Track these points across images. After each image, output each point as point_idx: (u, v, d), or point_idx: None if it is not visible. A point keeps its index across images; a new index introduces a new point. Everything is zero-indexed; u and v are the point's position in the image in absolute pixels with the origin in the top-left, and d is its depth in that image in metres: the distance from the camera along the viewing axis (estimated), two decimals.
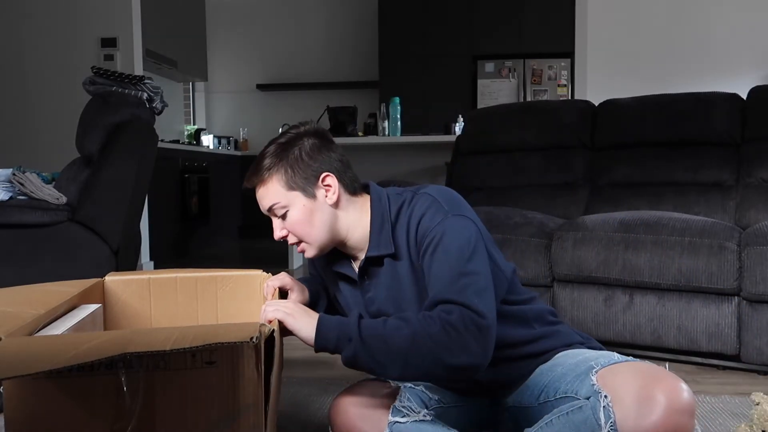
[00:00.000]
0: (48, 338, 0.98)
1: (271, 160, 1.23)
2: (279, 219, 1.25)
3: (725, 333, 2.07)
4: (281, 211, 1.23)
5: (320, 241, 1.24)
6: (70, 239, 2.45)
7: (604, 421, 1.06)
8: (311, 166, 1.23)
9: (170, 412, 0.91)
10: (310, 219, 1.23)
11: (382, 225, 1.24)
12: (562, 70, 5.28)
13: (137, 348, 0.80)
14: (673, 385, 1.04)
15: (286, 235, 1.25)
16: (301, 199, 1.22)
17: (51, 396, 0.89)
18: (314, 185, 1.23)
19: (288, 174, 1.22)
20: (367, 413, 1.22)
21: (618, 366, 1.14)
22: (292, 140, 1.24)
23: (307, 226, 1.23)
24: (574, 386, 1.16)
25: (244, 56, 6.95)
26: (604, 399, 1.07)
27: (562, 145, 2.97)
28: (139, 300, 1.40)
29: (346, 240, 1.27)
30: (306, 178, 1.22)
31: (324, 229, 1.24)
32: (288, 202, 1.22)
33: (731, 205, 2.55)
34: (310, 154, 1.23)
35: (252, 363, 0.92)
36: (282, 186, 1.22)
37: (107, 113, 2.59)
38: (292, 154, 1.23)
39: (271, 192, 1.23)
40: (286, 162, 1.22)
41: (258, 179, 1.24)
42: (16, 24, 4.35)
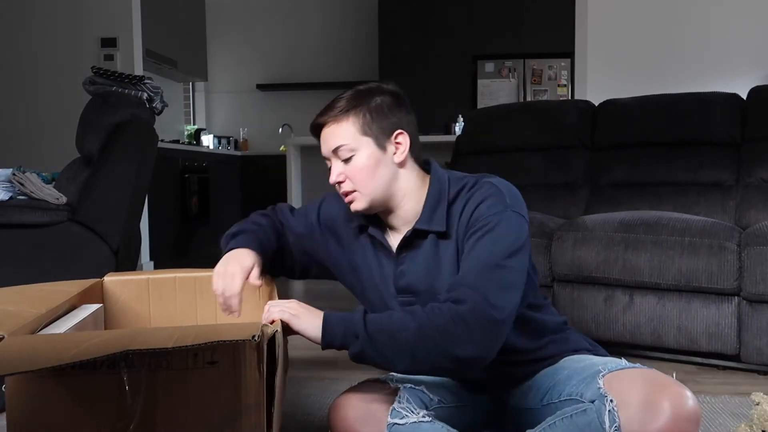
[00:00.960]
0: (50, 336, 0.98)
1: (349, 102, 1.22)
2: (340, 162, 1.22)
3: (725, 333, 2.07)
4: (347, 154, 1.20)
5: (375, 194, 1.22)
6: (70, 239, 2.45)
7: (608, 425, 1.06)
8: (389, 118, 1.22)
9: (172, 412, 0.91)
10: (375, 169, 1.20)
11: (439, 201, 1.23)
12: (562, 70, 5.28)
13: (139, 346, 0.80)
14: (679, 393, 1.05)
15: (344, 180, 1.22)
16: (371, 147, 1.21)
17: (53, 395, 0.90)
18: (387, 138, 1.22)
19: (366, 118, 1.20)
20: (366, 415, 1.21)
21: (625, 371, 1.15)
22: (374, 90, 1.24)
23: (370, 175, 1.20)
24: (579, 389, 1.16)
25: (244, 56, 6.95)
26: (610, 403, 1.07)
27: (562, 145, 2.97)
28: (138, 300, 1.40)
29: (397, 206, 1.25)
30: (382, 128, 1.21)
31: (383, 184, 1.22)
32: (358, 145, 1.20)
33: (731, 205, 2.55)
34: (391, 107, 1.22)
35: (254, 363, 0.92)
36: (357, 129, 1.20)
37: (107, 113, 2.59)
38: (373, 101, 1.22)
39: (344, 131, 1.20)
40: (366, 107, 1.21)
41: (332, 116, 1.21)
42: (17, 24, 4.35)
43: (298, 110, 6.62)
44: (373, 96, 1.23)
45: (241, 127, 7.01)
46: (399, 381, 1.29)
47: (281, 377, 1.03)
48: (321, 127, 1.24)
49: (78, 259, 2.46)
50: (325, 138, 1.24)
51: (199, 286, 1.42)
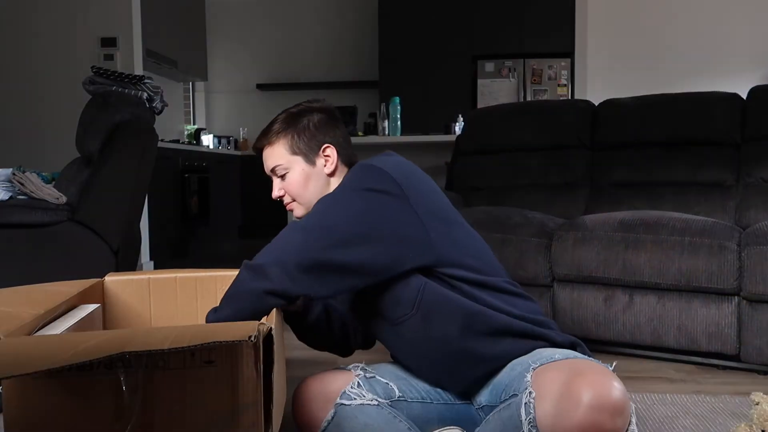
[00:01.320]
0: (47, 338, 0.98)
1: (280, 126, 1.37)
2: (278, 179, 1.38)
3: (725, 333, 2.07)
4: (282, 171, 1.36)
5: (310, 203, 1.35)
6: (70, 239, 2.45)
7: (524, 417, 1.04)
8: (316, 137, 1.36)
9: (169, 412, 0.91)
10: (306, 183, 1.36)
11: None
12: (562, 70, 5.28)
13: (135, 347, 0.80)
14: (599, 382, 1.00)
15: (283, 195, 1.38)
16: (302, 164, 1.36)
17: (51, 396, 0.89)
18: (315, 154, 1.36)
19: (294, 140, 1.36)
20: (320, 396, 1.29)
21: (554, 363, 1.12)
22: (303, 111, 1.39)
23: (302, 188, 1.36)
24: (518, 384, 1.15)
25: (244, 56, 6.95)
26: (529, 395, 1.06)
27: (562, 145, 2.97)
28: (138, 300, 1.40)
29: None
30: (309, 146, 1.36)
31: (315, 192, 1.35)
32: (289, 164, 1.36)
33: (731, 205, 2.55)
34: (318, 125, 1.37)
35: (251, 362, 0.92)
36: (286, 150, 1.36)
37: (107, 113, 2.59)
38: (300, 123, 1.37)
39: (276, 153, 1.36)
40: (293, 129, 1.36)
41: (266, 141, 1.38)
42: (16, 24, 4.35)
43: None
44: (301, 118, 1.37)
45: (241, 127, 7.01)
46: (363, 370, 1.34)
47: (279, 375, 1.03)
48: (261, 150, 1.40)
49: (78, 259, 2.46)
50: (264, 159, 1.40)
51: (199, 286, 1.42)
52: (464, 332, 1.23)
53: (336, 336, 1.43)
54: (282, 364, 1.16)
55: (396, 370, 1.39)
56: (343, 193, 1.23)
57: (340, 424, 1.25)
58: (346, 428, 1.24)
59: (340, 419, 1.25)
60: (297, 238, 1.18)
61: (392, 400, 1.31)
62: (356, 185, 1.22)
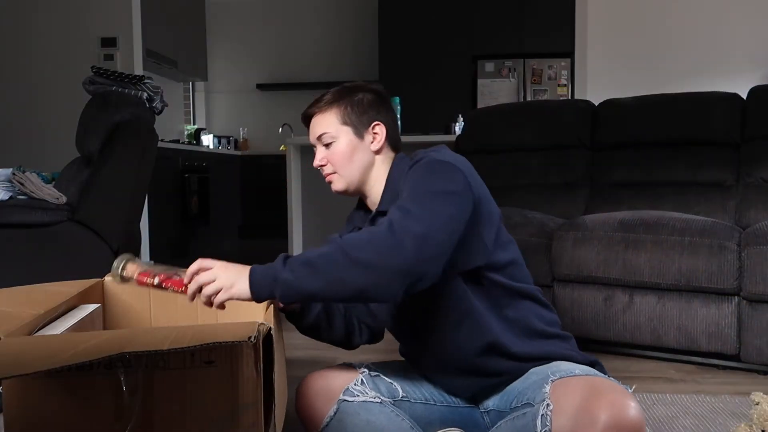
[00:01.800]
0: (47, 338, 0.98)
1: (334, 96, 1.35)
2: (323, 148, 1.35)
3: (725, 333, 2.07)
4: (328, 140, 1.34)
5: (351, 177, 1.34)
6: (70, 239, 2.45)
7: (539, 429, 1.05)
8: (368, 112, 1.35)
9: (169, 412, 0.91)
10: (352, 155, 1.33)
11: (395, 184, 1.30)
12: (562, 70, 5.28)
13: (135, 347, 0.80)
14: (618, 402, 1.01)
15: (325, 164, 1.35)
16: (350, 135, 1.33)
17: (51, 396, 0.89)
18: (365, 129, 1.34)
19: (346, 110, 1.34)
20: (323, 391, 1.29)
21: (574, 378, 1.13)
22: (358, 87, 1.38)
23: (347, 160, 1.33)
24: (534, 394, 1.16)
25: (244, 56, 6.95)
26: (546, 407, 1.07)
27: (562, 145, 2.97)
28: (138, 300, 1.40)
29: (370, 190, 1.36)
30: (360, 119, 1.34)
31: (359, 168, 1.34)
32: (337, 134, 1.33)
33: (731, 205, 2.55)
34: (370, 102, 1.35)
35: (251, 362, 0.92)
36: (337, 119, 1.34)
37: (107, 113, 2.59)
38: (355, 96, 1.35)
39: (326, 121, 1.34)
40: (347, 100, 1.35)
41: (318, 108, 1.36)
42: (16, 24, 4.35)
43: (298, 110, 6.48)
44: (356, 92, 1.36)
45: (240, 127, 7.01)
46: (368, 368, 1.34)
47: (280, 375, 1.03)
48: (310, 118, 1.39)
49: (78, 259, 2.46)
50: (311, 126, 1.38)
51: None
52: (486, 352, 1.25)
53: (338, 334, 1.43)
54: (282, 364, 1.16)
55: (401, 370, 1.39)
56: (431, 197, 1.14)
57: (343, 420, 1.25)
58: (348, 424, 1.25)
59: (343, 415, 1.25)
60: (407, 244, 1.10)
61: (395, 400, 1.32)
62: (440, 187, 1.16)
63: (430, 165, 1.20)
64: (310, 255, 1.10)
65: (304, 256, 1.10)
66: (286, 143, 4.75)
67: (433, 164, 1.20)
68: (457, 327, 1.25)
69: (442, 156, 1.23)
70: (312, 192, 4.71)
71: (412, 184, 1.18)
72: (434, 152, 1.26)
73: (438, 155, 1.23)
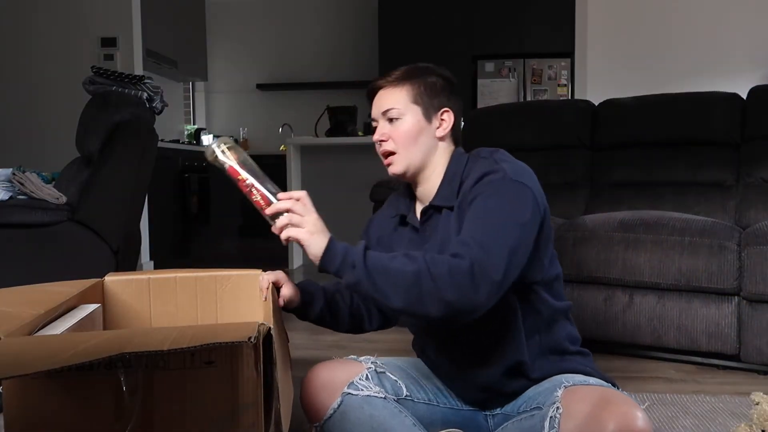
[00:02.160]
0: (47, 338, 0.98)
1: (408, 72, 1.30)
2: (387, 123, 1.29)
3: (725, 333, 2.07)
4: (395, 115, 1.28)
5: (412, 159, 1.28)
6: (70, 239, 2.45)
7: (547, 429, 1.07)
8: (439, 97, 1.30)
9: (169, 412, 0.91)
10: (417, 136, 1.28)
11: (453, 179, 1.28)
12: (562, 70, 5.27)
13: (135, 348, 0.80)
14: (628, 414, 1.02)
15: (386, 140, 1.29)
16: (419, 115, 1.28)
17: (51, 396, 0.89)
18: (434, 112, 1.30)
19: (419, 89, 1.29)
20: (328, 383, 1.28)
21: (586, 387, 1.15)
22: (431, 69, 1.33)
23: (412, 140, 1.28)
24: (545, 398, 1.17)
25: (244, 56, 6.95)
26: (556, 410, 1.08)
27: (562, 145, 2.97)
28: (138, 300, 1.40)
29: (427, 179, 1.31)
30: (431, 102, 1.29)
31: (421, 152, 1.29)
32: (406, 111, 1.28)
33: (731, 205, 2.55)
34: (444, 87, 1.31)
35: (251, 362, 0.92)
36: (408, 96, 1.28)
37: (107, 113, 2.59)
38: (429, 77, 1.31)
39: (396, 96, 1.28)
40: (421, 80, 1.30)
41: (389, 81, 1.30)
42: (16, 24, 4.35)
43: (297, 110, 6.62)
44: (430, 74, 1.31)
45: (241, 127, 7.01)
46: (374, 364, 1.34)
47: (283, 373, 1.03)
48: (377, 91, 1.33)
49: (78, 259, 2.46)
50: (377, 99, 1.32)
51: (199, 286, 1.42)
52: (511, 371, 1.27)
53: (343, 325, 1.43)
54: (286, 362, 1.16)
55: (407, 369, 1.39)
56: (507, 233, 1.13)
57: (346, 412, 1.25)
58: (351, 417, 1.25)
59: (347, 408, 1.26)
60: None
61: (398, 398, 1.32)
62: (515, 218, 1.15)
63: (505, 188, 1.17)
64: (391, 264, 1.11)
65: (385, 262, 1.11)
66: (286, 143, 4.75)
67: (507, 187, 1.17)
68: (492, 343, 1.26)
69: (513, 172, 1.20)
70: (312, 192, 4.70)
71: (486, 206, 1.15)
72: (504, 163, 1.23)
73: (509, 168, 1.21)
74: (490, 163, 1.23)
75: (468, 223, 1.16)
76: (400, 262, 1.11)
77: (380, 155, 1.32)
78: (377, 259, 1.12)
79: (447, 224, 1.26)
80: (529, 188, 1.19)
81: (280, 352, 1.03)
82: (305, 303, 1.36)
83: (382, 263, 1.12)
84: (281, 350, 1.07)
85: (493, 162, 1.24)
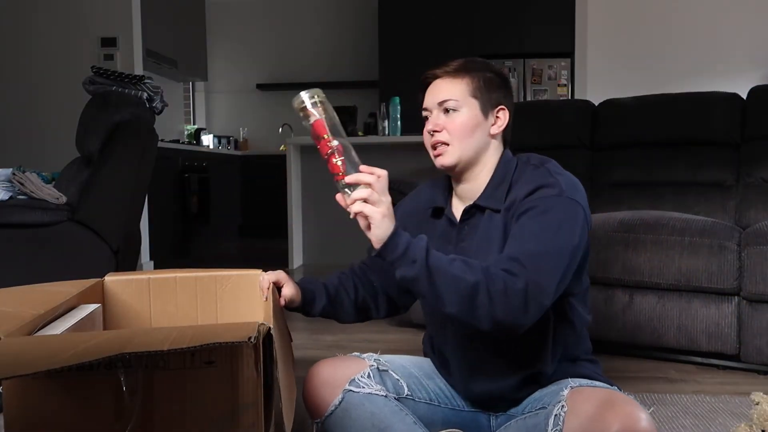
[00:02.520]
0: (47, 338, 0.98)
1: (466, 66, 1.28)
2: (442, 114, 1.27)
3: (725, 333, 2.07)
4: (452, 106, 1.26)
5: (465, 152, 1.26)
6: (70, 239, 2.45)
7: (551, 428, 1.08)
8: (497, 93, 1.28)
9: (169, 412, 0.91)
10: (473, 130, 1.26)
11: (502, 181, 1.27)
12: (562, 70, 5.28)
13: (135, 348, 0.80)
14: (632, 415, 1.03)
15: (440, 130, 1.27)
16: (476, 109, 1.27)
17: (51, 395, 0.89)
18: (491, 109, 1.28)
19: (479, 83, 1.27)
20: (330, 380, 1.28)
21: (591, 388, 1.16)
22: (488, 65, 1.31)
23: (467, 133, 1.26)
24: (550, 399, 1.18)
25: (244, 56, 6.95)
26: (561, 408, 1.09)
27: (562, 145, 2.97)
28: (138, 300, 1.40)
29: (474, 176, 1.29)
30: (489, 97, 1.27)
31: (474, 147, 1.27)
32: (464, 103, 1.26)
33: (731, 205, 2.55)
34: (500, 85, 1.30)
35: (251, 362, 0.92)
36: (468, 89, 1.26)
37: (107, 113, 2.59)
38: (487, 73, 1.29)
39: (456, 88, 1.26)
40: (482, 74, 1.28)
41: (449, 71, 1.28)
42: (16, 24, 4.35)
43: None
44: (488, 69, 1.30)
45: (240, 127, 7.02)
46: (377, 362, 1.34)
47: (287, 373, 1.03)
48: (432, 79, 1.30)
49: (78, 259, 2.46)
50: (434, 89, 1.29)
51: (199, 286, 1.42)
52: (527, 380, 1.27)
53: (349, 317, 1.42)
54: (288, 361, 1.16)
55: (410, 368, 1.39)
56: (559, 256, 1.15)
57: (347, 409, 1.26)
58: (352, 414, 1.25)
59: (348, 405, 1.26)
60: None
61: (399, 397, 1.32)
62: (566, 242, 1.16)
63: (560, 206, 1.17)
64: (450, 269, 1.11)
65: (445, 265, 1.11)
66: (286, 143, 4.75)
67: (562, 206, 1.17)
68: (519, 352, 1.26)
69: (568, 188, 1.20)
70: (312, 192, 4.71)
71: (541, 225, 1.15)
72: (559, 176, 1.23)
73: (564, 184, 1.21)
74: (544, 175, 1.23)
75: (520, 238, 1.15)
76: (459, 268, 1.11)
77: (428, 146, 1.30)
78: (438, 260, 1.12)
79: (489, 226, 1.25)
80: (581, 207, 1.20)
81: (282, 351, 1.03)
82: (307, 302, 1.36)
83: (443, 265, 1.11)
84: (283, 350, 1.07)
85: (546, 173, 1.23)
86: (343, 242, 4.56)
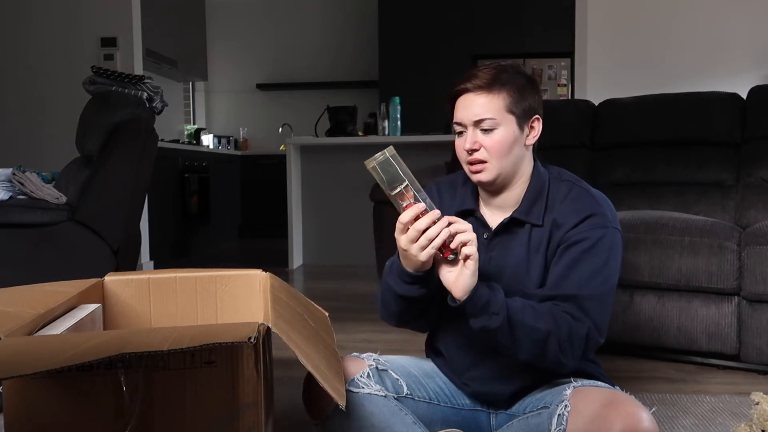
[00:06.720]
0: (47, 338, 0.98)
1: (500, 77, 1.22)
2: (479, 132, 1.23)
3: (725, 333, 2.07)
4: (490, 125, 1.22)
5: (504, 169, 1.25)
6: (70, 239, 2.45)
7: (554, 427, 1.09)
8: (529, 101, 1.25)
9: (170, 412, 0.91)
10: (512, 147, 1.24)
11: (539, 195, 1.27)
12: (562, 70, 5.28)
13: (135, 348, 0.80)
14: (635, 415, 1.04)
15: (478, 149, 1.23)
16: (513, 125, 1.23)
17: (51, 396, 0.89)
18: (526, 121, 1.25)
19: (515, 98, 1.22)
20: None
21: (594, 387, 1.17)
22: (518, 70, 1.26)
23: (505, 150, 1.23)
24: (553, 398, 1.19)
25: (244, 56, 6.95)
26: (564, 408, 1.10)
27: (562, 145, 2.97)
28: (138, 300, 1.40)
29: (510, 188, 1.28)
30: (524, 110, 1.24)
31: (513, 162, 1.25)
32: (502, 121, 1.22)
33: (731, 205, 2.55)
34: (531, 92, 1.25)
35: (251, 362, 0.91)
36: (504, 105, 1.22)
37: (107, 113, 2.59)
38: (519, 81, 1.24)
39: (493, 105, 1.22)
40: (513, 87, 1.23)
41: (483, 87, 1.22)
42: (17, 24, 4.35)
43: (297, 110, 6.63)
44: (519, 76, 1.24)
45: (241, 127, 7.02)
46: (376, 362, 1.33)
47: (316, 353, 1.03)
48: (464, 93, 1.25)
49: (78, 259, 2.46)
50: (467, 104, 1.24)
51: (199, 286, 1.41)
52: (538, 381, 1.29)
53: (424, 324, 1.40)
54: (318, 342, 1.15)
55: (409, 367, 1.39)
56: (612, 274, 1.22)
57: (347, 410, 1.25)
58: (352, 414, 1.25)
59: (347, 405, 1.25)
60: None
61: (399, 396, 1.32)
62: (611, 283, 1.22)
63: (609, 239, 1.21)
64: (525, 319, 1.13)
65: (519, 315, 1.13)
66: (286, 143, 4.75)
67: (611, 239, 1.21)
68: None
69: (612, 216, 1.23)
70: (312, 192, 4.71)
71: (596, 263, 1.19)
72: (603, 202, 1.25)
73: (609, 212, 1.23)
74: (589, 200, 1.24)
75: (576, 275, 1.18)
76: (532, 316, 1.14)
77: (464, 161, 1.28)
78: (514, 311, 1.14)
79: (526, 239, 1.26)
80: (620, 233, 1.25)
81: (299, 334, 1.02)
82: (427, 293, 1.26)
83: (519, 316, 1.14)
84: (302, 332, 1.06)
85: (589, 198, 1.25)
86: (343, 242, 4.57)
